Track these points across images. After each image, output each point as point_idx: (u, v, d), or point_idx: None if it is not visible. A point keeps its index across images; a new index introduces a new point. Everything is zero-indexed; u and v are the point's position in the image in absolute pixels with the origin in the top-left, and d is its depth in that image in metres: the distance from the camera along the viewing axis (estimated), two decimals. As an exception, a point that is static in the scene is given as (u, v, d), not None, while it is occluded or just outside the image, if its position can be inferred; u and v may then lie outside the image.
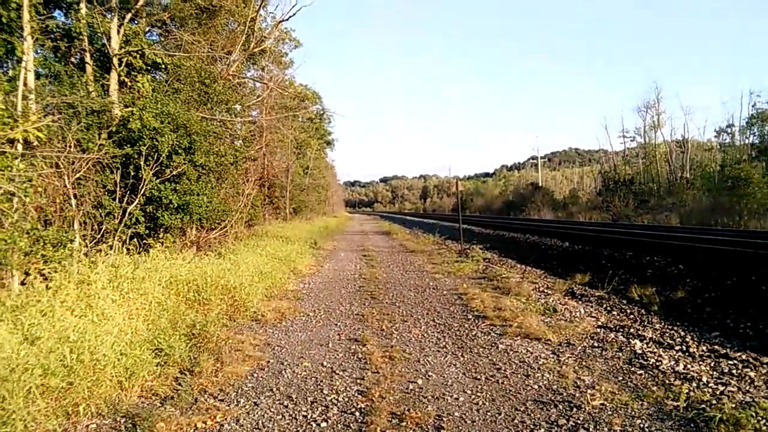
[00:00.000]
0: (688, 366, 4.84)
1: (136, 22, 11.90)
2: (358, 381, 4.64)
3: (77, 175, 7.61)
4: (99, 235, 7.85)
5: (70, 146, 7.57)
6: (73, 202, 7.51)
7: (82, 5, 10.01)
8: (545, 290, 8.86)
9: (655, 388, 4.25)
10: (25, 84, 7.10)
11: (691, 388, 4.22)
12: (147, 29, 13.08)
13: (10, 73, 7.52)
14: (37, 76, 8.04)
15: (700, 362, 4.99)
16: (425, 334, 6.24)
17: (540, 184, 57.97)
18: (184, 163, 9.56)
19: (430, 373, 4.81)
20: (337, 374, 4.84)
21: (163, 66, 12.02)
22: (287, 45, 25.13)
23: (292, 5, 15.77)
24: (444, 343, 5.84)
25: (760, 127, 34.11)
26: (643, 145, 44.97)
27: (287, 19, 16.47)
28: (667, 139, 42.84)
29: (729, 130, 37.26)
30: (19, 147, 6.52)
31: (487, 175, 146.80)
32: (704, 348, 5.45)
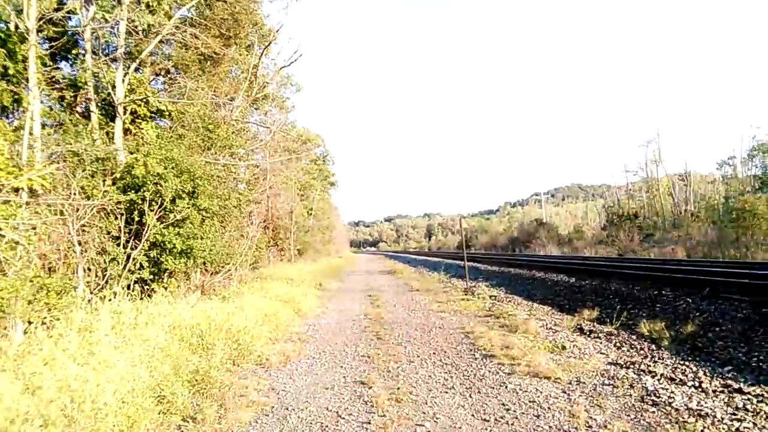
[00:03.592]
0: (702, 402, 4.74)
1: (140, 71, 12.15)
2: (365, 425, 4.54)
3: (81, 222, 7.66)
4: (103, 281, 7.84)
5: (74, 193, 7.64)
6: (78, 248, 7.53)
7: (88, 56, 10.24)
8: (553, 327, 8.74)
9: (668, 426, 4.15)
10: (30, 133, 7.21)
11: (706, 425, 4.12)
12: (151, 78, 13.34)
13: (16, 123, 7.65)
14: (43, 125, 8.17)
15: (714, 398, 4.88)
16: (432, 375, 6.14)
17: (544, 220, 57.96)
18: (188, 208, 9.61)
19: (438, 416, 4.71)
20: (343, 419, 4.74)
21: (168, 113, 12.22)
22: (289, 89, 25.58)
23: (294, 51, 16.15)
24: (452, 384, 5.74)
25: (762, 159, 34.23)
26: (646, 179, 45.11)
27: (288, 65, 16.83)
28: (670, 173, 43.00)
29: (731, 162, 37.40)
30: (24, 195, 6.58)
31: (491, 212, 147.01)
32: (717, 383, 5.34)
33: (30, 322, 5.89)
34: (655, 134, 42.98)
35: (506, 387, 5.52)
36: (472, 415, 4.70)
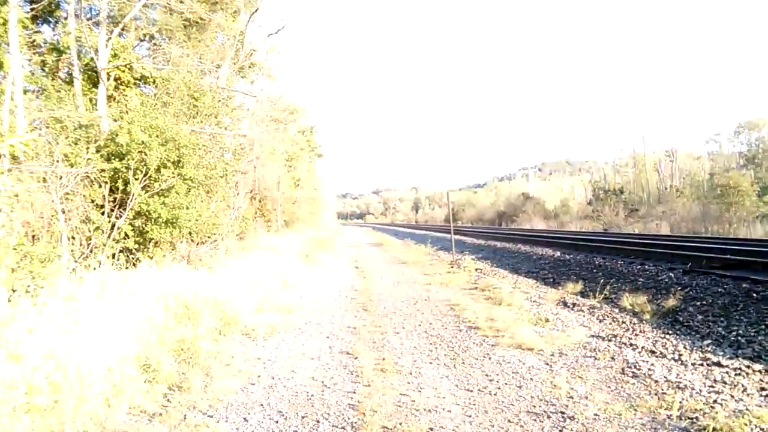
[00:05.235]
0: (681, 374, 4.83)
1: (124, 36, 11.88)
2: (350, 395, 4.59)
3: (65, 190, 7.55)
4: (87, 250, 7.77)
5: (57, 161, 7.52)
6: (61, 216, 7.44)
7: (70, 19, 9.99)
8: (537, 300, 8.84)
9: (648, 398, 4.23)
10: (12, 98, 7.06)
11: (684, 397, 4.20)
12: (136, 43, 13.07)
13: (-3, 88, 7.48)
14: (25, 90, 7.99)
15: (693, 371, 4.98)
16: (417, 346, 6.20)
17: (531, 194, 58.18)
18: (173, 177, 9.50)
19: (422, 386, 4.77)
20: (329, 388, 4.79)
21: (152, 79, 12.00)
22: (276, 58, 25.23)
23: (281, 19, 15.96)
24: (436, 355, 5.80)
25: (747, 136, 34.50)
26: (632, 155, 45.32)
27: (276, 33, 16.58)
28: (656, 149, 43.20)
29: (717, 139, 37.66)
30: (6, 162, 6.47)
31: (478, 185, 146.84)
32: (696, 356, 5.44)
33: (14, 290, 5.84)
34: (643, 110, 42.86)
35: (490, 358, 5.59)
36: (456, 386, 4.77)
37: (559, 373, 4.95)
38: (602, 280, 9.45)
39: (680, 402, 4.07)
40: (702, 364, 5.17)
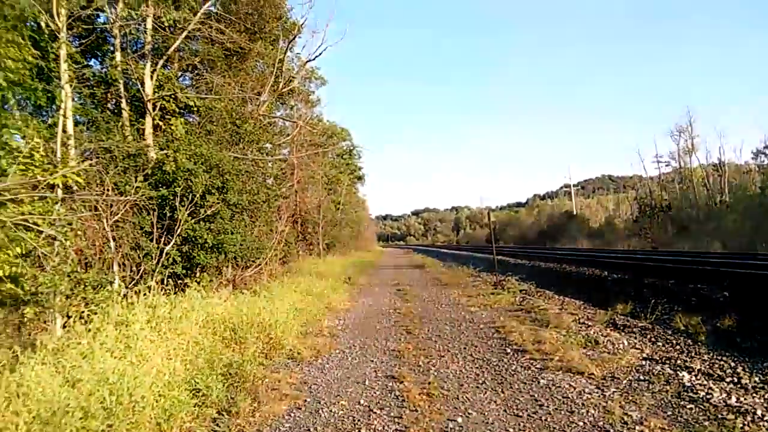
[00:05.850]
0: (741, 398, 4.62)
1: (168, 67, 12.28)
2: (396, 420, 4.54)
3: (115, 218, 7.79)
4: (137, 276, 7.97)
5: (108, 190, 7.77)
6: (112, 244, 7.67)
7: (117, 53, 10.38)
8: (585, 321, 8.62)
9: (707, 423, 4.06)
10: (64, 130, 7.34)
11: (746, 422, 4.02)
12: (179, 74, 13.49)
13: (50, 121, 7.80)
14: (76, 122, 8.30)
15: (754, 394, 4.76)
16: (463, 370, 6.11)
17: (574, 213, 57.21)
18: (218, 203, 9.71)
19: (469, 411, 4.69)
20: (375, 413, 4.75)
21: (196, 108, 12.33)
22: (314, 84, 25.67)
23: (318, 45, 16.29)
24: (483, 379, 5.71)
25: (799, 147, 33.18)
26: (678, 170, 44.06)
27: (313, 59, 16.90)
28: (703, 163, 41.89)
29: (767, 152, 36.23)
30: (59, 192, 6.71)
31: (519, 204, 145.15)
32: (757, 379, 5.20)
33: (69, 316, 6.03)
34: (687, 123, 41.63)
35: (538, 382, 5.47)
36: (504, 411, 4.67)
37: (612, 398, 4.80)
38: (653, 301, 9.15)
39: (741, 428, 3.90)
40: (763, 388, 4.95)
